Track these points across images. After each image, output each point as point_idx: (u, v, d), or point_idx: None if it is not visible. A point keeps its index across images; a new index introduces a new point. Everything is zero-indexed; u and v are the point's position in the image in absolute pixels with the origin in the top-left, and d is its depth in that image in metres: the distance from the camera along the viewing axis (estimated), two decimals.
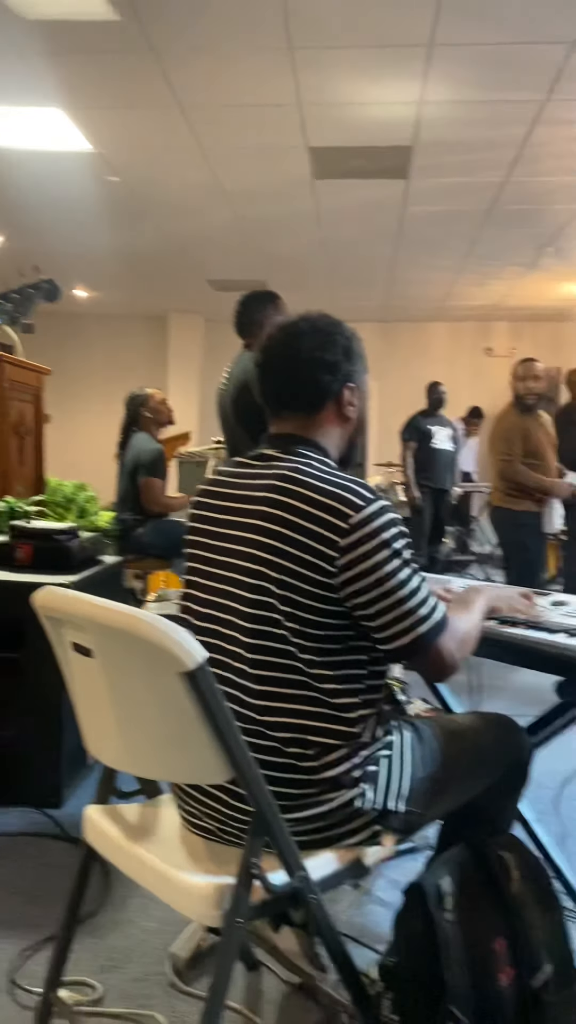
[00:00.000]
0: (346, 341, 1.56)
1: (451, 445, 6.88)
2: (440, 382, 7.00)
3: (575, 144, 5.13)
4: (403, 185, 5.84)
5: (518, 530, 4.71)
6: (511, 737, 1.69)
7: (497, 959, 1.36)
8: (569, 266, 8.03)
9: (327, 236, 7.11)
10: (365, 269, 8.22)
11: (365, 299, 9.55)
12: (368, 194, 6.03)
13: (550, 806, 2.58)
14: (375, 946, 1.90)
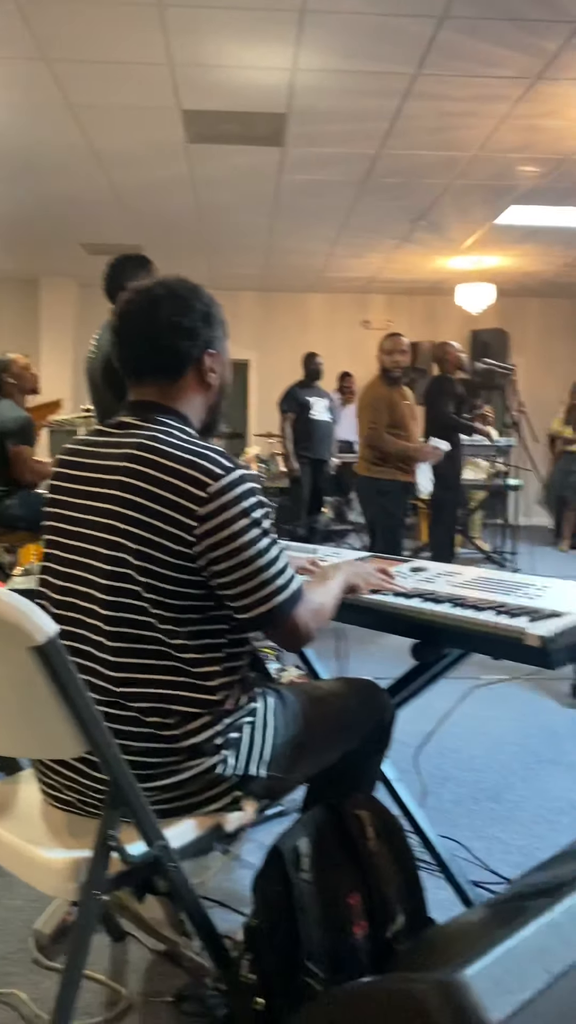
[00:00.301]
0: (205, 307, 1.52)
1: (328, 416, 6.97)
2: (317, 353, 7.06)
3: (446, 119, 5.22)
4: (278, 153, 5.81)
5: (382, 498, 4.83)
6: (373, 700, 1.74)
7: (352, 913, 1.41)
8: (442, 241, 8.20)
9: (203, 201, 7.01)
10: (242, 237, 8.16)
11: (243, 267, 9.49)
12: (243, 160, 5.97)
13: (411, 765, 2.68)
14: (242, 909, 1.93)
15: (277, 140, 5.56)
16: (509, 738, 3.19)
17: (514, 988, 1.02)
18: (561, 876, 1.33)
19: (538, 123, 5.25)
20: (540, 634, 1.49)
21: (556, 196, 6.69)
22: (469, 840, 2.36)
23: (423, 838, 1.98)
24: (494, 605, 1.67)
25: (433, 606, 1.71)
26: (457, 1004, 0.98)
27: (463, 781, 2.78)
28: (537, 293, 10.63)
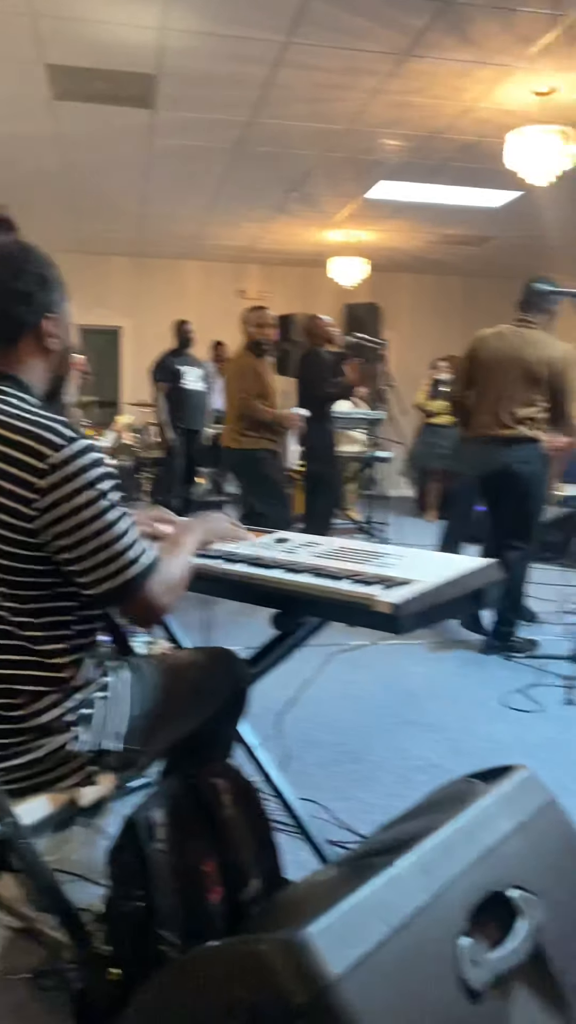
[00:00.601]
0: (39, 269, 1.46)
1: (202, 385, 6.91)
2: (187, 320, 6.95)
3: (318, 90, 5.23)
4: (149, 115, 5.68)
5: (258, 466, 4.85)
6: (230, 669, 1.75)
7: (207, 880, 1.43)
8: (316, 213, 8.24)
9: (70, 162, 6.78)
10: (113, 200, 7.95)
11: (115, 231, 9.25)
12: (113, 121, 5.81)
13: (272, 731, 2.73)
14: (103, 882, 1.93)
15: (147, 102, 5.43)
16: (372, 701, 3.29)
17: (354, 942, 1.06)
18: (406, 833, 1.39)
19: (407, 100, 5.33)
20: (391, 601, 1.54)
21: (424, 173, 6.83)
22: (331, 801, 2.43)
23: (283, 801, 2.02)
24: (351, 574, 1.71)
25: (292, 576, 1.73)
26: (298, 961, 1.01)
27: (327, 744, 2.86)
28: (408, 268, 10.85)
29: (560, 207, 7.59)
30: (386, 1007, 1.04)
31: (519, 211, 7.79)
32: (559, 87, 5.07)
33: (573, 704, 3.32)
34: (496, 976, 1.16)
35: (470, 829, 1.31)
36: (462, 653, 3.98)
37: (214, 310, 10.40)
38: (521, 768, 1.49)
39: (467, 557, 1.87)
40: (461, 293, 11.04)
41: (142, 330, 10.35)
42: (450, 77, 4.98)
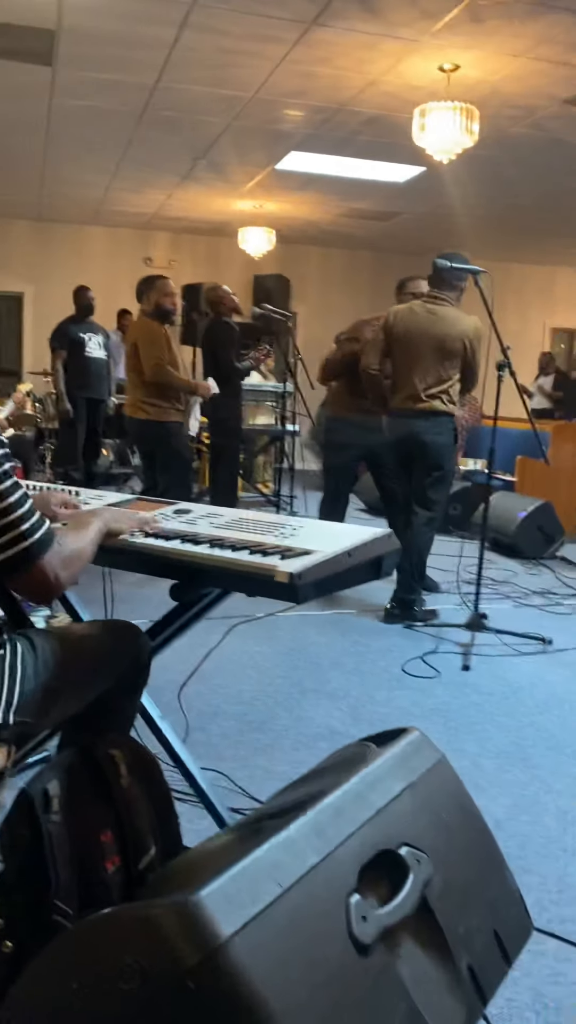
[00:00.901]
0: None
1: (104, 353, 6.75)
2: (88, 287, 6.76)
3: (224, 56, 5.15)
4: (49, 73, 5.49)
5: (167, 438, 4.80)
6: (128, 640, 1.74)
7: (104, 850, 1.43)
8: (223, 181, 8.14)
9: None
10: (13, 160, 7.67)
11: (16, 193, 8.93)
12: (10, 78, 5.59)
13: (175, 703, 2.74)
14: None
15: (47, 59, 5.24)
16: (274, 671, 3.33)
17: (246, 903, 1.09)
18: (300, 796, 1.42)
19: (314, 69, 5.30)
20: (289, 571, 1.55)
21: (332, 145, 6.83)
22: (234, 770, 2.46)
23: (184, 771, 2.03)
24: (250, 545, 1.72)
25: (192, 547, 1.73)
26: (189, 922, 1.02)
27: (229, 715, 2.88)
28: (317, 242, 10.86)
29: (462, 184, 7.72)
30: (277, 964, 1.06)
31: (423, 187, 7.88)
32: (463, 64, 5.13)
33: (469, 670, 3.44)
34: (384, 930, 1.21)
35: (362, 790, 1.35)
36: (364, 622, 4.06)
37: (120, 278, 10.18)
38: (412, 731, 1.54)
39: (365, 528, 1.90)
40: (370, 267, 11.11)
41: (45, 297, 10.07)
42: (356, 48, 4.97)
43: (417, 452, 4.08)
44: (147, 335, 4.75)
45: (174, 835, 1.59)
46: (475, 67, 5.17)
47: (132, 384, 4.88)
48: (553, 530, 5.78)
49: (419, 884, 1.30)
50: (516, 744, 2.76)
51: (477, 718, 2.96)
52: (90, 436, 6.83)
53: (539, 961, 1.70)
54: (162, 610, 2.00)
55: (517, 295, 11.41)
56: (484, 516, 3.97)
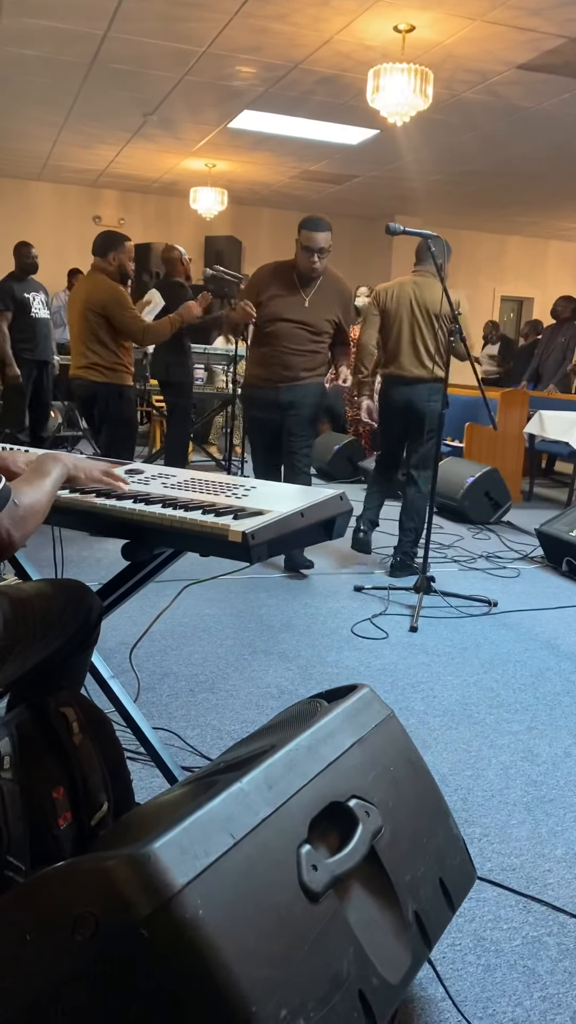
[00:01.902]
0: None
1: (47, 312, 6.60)
2: (30, 244, 6.55)
3: (176, 8, 5.03)
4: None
5: (120, 402, 4.73)
6: (78, 599, 1.73)
7: (56, 806, 1.44)
8: (174, 139, 7.99)
9: None
10: None
11: None
12: None
13: (126, 663, 2.74)
14: None
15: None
16: (226, 633, 3.35)
17: (199, 854, 1.10)
18: (250, 751, 1.44)
19: (268, 26, 5.21)
20: (242, 530, 1.56)
21: (286, 105, 6.74)
22: (184, 729, 2.48)
23: (135, 731, 2.04)
24: (203, 505, 1.72)
25: (144, 507, 1.73)
26: (143, 873, 1.04)
27: (181, 675, 2.89)
28: (270, 203, 10.74)
29: (415, 148, 7.69)
30: (230, 913, 1.09)
31: (376, 150, 7.83)
32: (418, 25, 5.08)
33: (416, 631, 3.50)
34: (334, 878, 1.24)
35: (313, 744, 1.37)
36: (315, 585, 4.09)
37: (68, 236, 9.98)
38: (362, 687, 1.57)
39: (318, 488, 1.91)
40: None
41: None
42: (311, 5, 4.89)
43: (413, 417, 4.34)
44: (116, 298, 4.57)
45: (126, 792, 1.60)
46: (430, 28, 5.13)
47: (83, 346, 4.69)
48: (500, 496, 5.87)
49: (368, 835, 1.33)
50: (461, 703, 2.82)
51: (424, 677, 3.02)
52: (39, 399, 6.68)
53: (481, 908, 1.76)
54: (112, 572, 1.99)
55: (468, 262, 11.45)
56: (433, 482, 4.02)
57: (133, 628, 3.15)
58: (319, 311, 4.17)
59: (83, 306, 4.61)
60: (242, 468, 7.14)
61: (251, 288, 4.27)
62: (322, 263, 4.10)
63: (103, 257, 4.65)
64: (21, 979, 1.08)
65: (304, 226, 4.07)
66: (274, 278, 4.20)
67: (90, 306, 4.58)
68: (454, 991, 1.52)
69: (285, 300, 4.14)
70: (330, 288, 4.21)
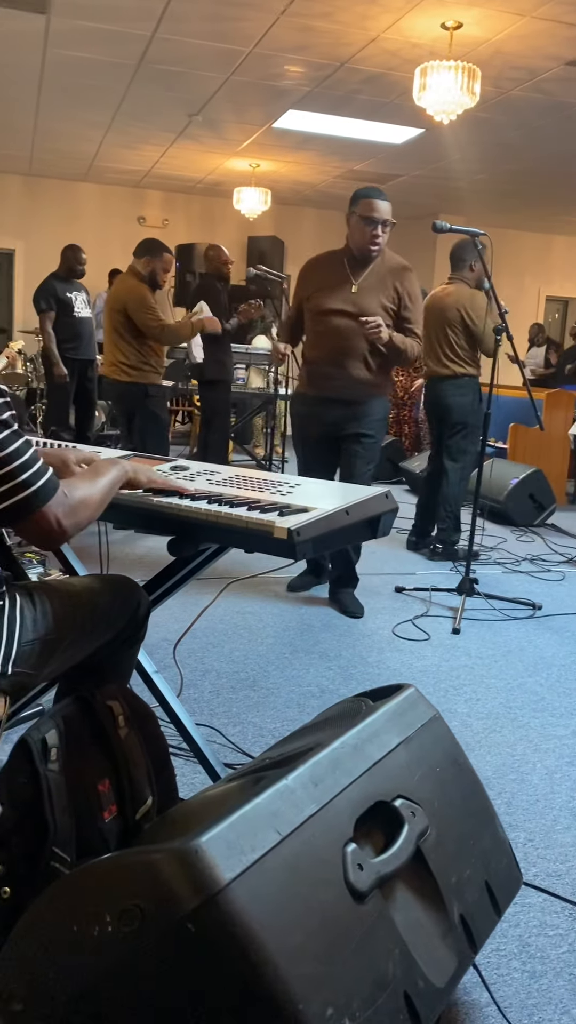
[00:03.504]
0: None
1: (89, 312, 6.65)
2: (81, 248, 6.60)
3: (223, 8, 5.03)
4: (44, 21, 5.36)
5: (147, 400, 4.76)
6: (127, 595, 1.74)
7: (101, 799, 1.44)
8: (219, 140, 8.01)
9: None
10: (5, 112, 7.51)
11: (8, 147, 8.77)
12: (4, 26, 5.45)
13: (169, 659, 2.75)
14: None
15: (41, 6, 5.11)
16: (267, 631, 3.35)
17: (246, 849, 1.10)
18: (296, 749, 1.43)
19: (314, 24, 5.19)
20: (287, 527, 1.55)
21: (331, 104, 6.72)
22: (226, 726, 2.48)
23: (179, 726, 2.04)
24: (248, 501, 1.71)
25: (189, 503, 1.73)
26: (190, 867, 1.04)
27: (223, 672, 2.90)
28: (312, 203, 10.73)
29: (461, 147, 7.62)
30: (275, 910, 1.08)
31: (421, 149, 7.78)
32: (466, 22, 5.03)
33: (459, 633, 3.47)
34: (380, 878, 1.23)
35: (358, 743, 1.36)
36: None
37: (112, 237, 10.06)
38: (408, 687, 1.56)
39: (363, 487, 1.90)
40: None
41: (35, 253, 9.93)
42: (358, 3, 4.87)
43: (442, 411, 4.63)
44: (137, 299, 4.61)
45: (170, 786, 1.61)
46: (478, 25, 5.07)
47: (111, 345, 4.75)
48: (544, 498, 5.80)
49: (414, 835, 1.32)
50: (505, 706, 2.79)
51: (467, 680, 2.99)
52: (84, 397, 6.71)
53: (527, 913, 1.73)
54: (154, 570, 2.00)
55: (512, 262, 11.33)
56: (477, 483, 3.98)
57: (175, 624, 3.17)
58: (369, 297, 3.53)
59: (111, 307, 4.70)
60: (283, 467, 7.14)
61: (298, 285, 3.79)
62: (385, 238, 3.51)
63: (138, 259, 4.76)
64: (68, 969, 1.09)
65: (362, 195, 3.51)
66: (320, 268, 3.68)
67: (115, 306, 4.69)
68: (499, 997, 1.50)
69: (332, 289, 3.56)
70: (383, 269, 3.58)
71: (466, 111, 5.43)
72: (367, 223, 3.45)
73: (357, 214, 3.49)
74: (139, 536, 4.63)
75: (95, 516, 1.49)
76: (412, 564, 4.58)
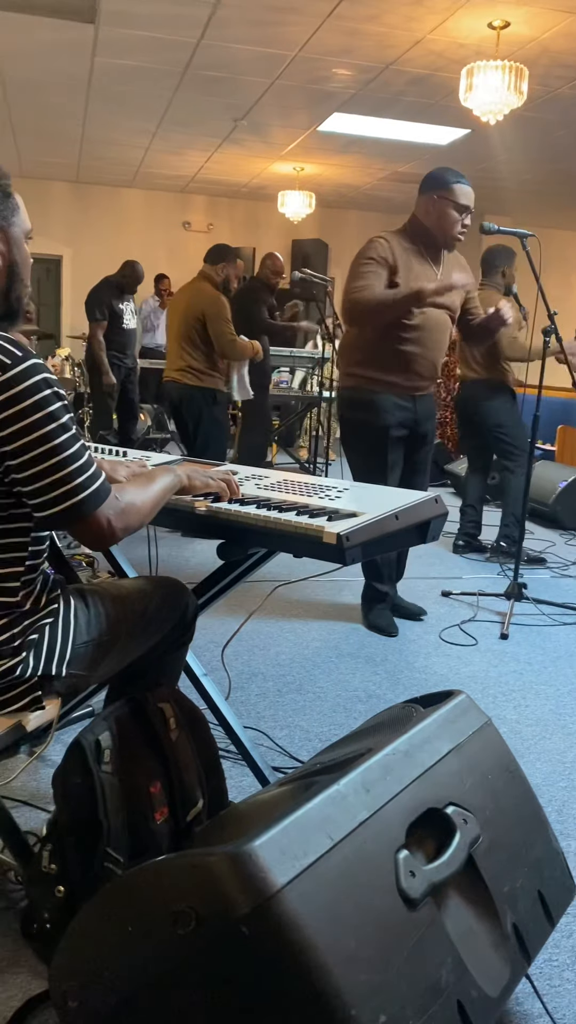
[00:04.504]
0: None
1: (135, 322, 6.74)
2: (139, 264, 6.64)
3: (268, 13, 5.06)
4: (91, 31, 5.43)
5: (213, 406, 4.79)
6: (176, 598, 1.76)
7: (153, 801, 1.46)
8: (263, 144, 8.05)
9: (9, 77, 6.48)
10: (53, 121, 7.64)
11: (56, 155, 8.91)
12: (54, 36, 5.55)
13: (219, 662, 2.77)
14: (48, 807, 1.95)
15: (89, 16, 5.19)
16: (312, 635, 3.35)
17: (298, 854, 1.10)
18: (346, 754, 1.43)
19: (360, 27, 5.20)
20: (337, 532, 1.55)
21: (376, 106, 6.71)
22: (273, 730, 2.49)
23: (227, 729, 2.05)
24: (296, 506, 1.72)
25: (238, 507, 1.74)
26: (244, 871, 1.04)
27: (269, 676, 2.90)
28: (356, 205, 10.72)
29: (508, 147, 7.56)
30: (328, 915, 1.08)
31: (467, 149, 7.73)
32: (513, 21, 4.99)
33: (507, 639, 3.43)
34: (432, 886, 1.22)
35: (410, 750, 1.36)
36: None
37: (157, 242, 10.16)
38: (459, 693, 1.55)
39: (411, 491, 1.89)
40: None
41: (83, 259, 10.07)
42: (404, 4, 4.86)
43: (474, 415, 4.63)
44: (216, 308, 4.63)
45: (220, 789, 1.62)
46: (526, 24, 5.03)
47: (180, 350, 4.77)
48: None
49: (466, 843, 1.31)
50: (555, 712, 2.75)
51: (516, 686, 2.96)
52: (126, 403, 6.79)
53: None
54: (201, 573, 2.01)
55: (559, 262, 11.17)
56: (526, 486, 3.94)
57: (222, 627, 3.18)
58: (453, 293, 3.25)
59: (184, 311, 4.70)
60: (326, 471, 7.14)
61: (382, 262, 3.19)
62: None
63: (213, 265, 4.75)
64: (123, 968, 1.10)
65: (453, 179, 3.20)
66: (403, 249, 3.24)
67: (191, 312, 4.68)
68: (552, 1007, 1.48)
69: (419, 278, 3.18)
70: (451, 258, 3.37)
71: (513, 111, 5.39)
72: (458, 210, 3.21)
73: (447, 199, 3.20)
74: (187, 540, 4.67)
75: (147, 520, 1.51)
76: (459, 568, 4.55)
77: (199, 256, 4.92)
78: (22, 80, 6.53)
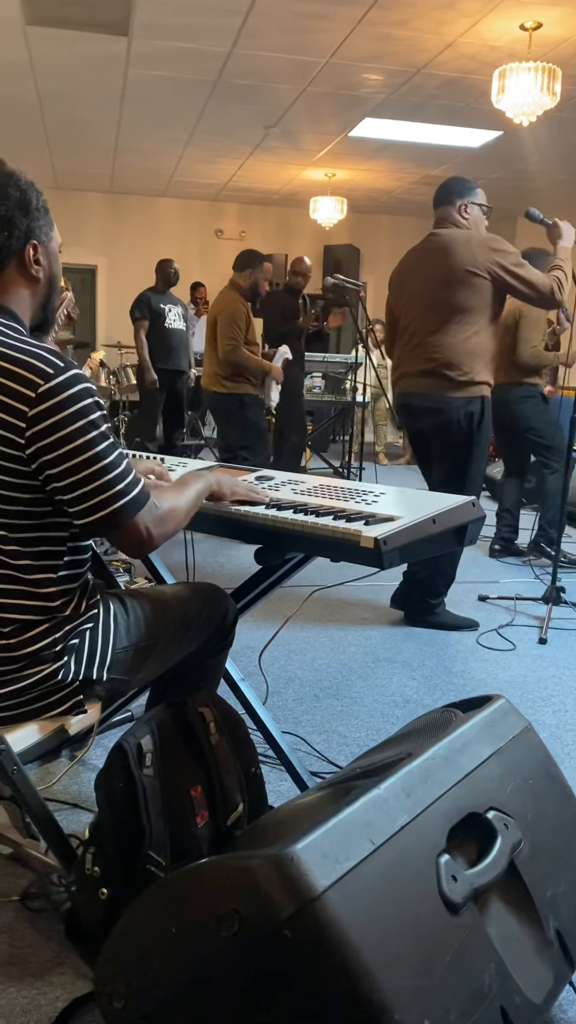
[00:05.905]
0: (21, 194, 1.42)
1: (183, 324, 6.75)
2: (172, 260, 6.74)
3: (299, 21, 5.08)
4: (125, 43, 5.50)
5: (244, 410, 4.83)
6: (216, 603, 1.77)
7: (194, 805, 1.47)
8: (295, 151, 8.08)
9: (45, 91, 6.58)
10: (89, 132, 7.73)
11: (91, 166, 9.02)
12: (88, 49, 5.62)
13: (256, 667, 2.78)
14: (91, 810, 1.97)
15: (123, 29, 5.25)
16: (349, 639, 3.35)
17: (340, 858, 1.11)
18: (386, 759, 1.43)
19: (390, 32, 5.20)
20: (374, 536, 1.56)
21: (407, 110, 6.70)
22: (310, 735, 2.49)
23: (265, 734, 2.06)
24: (333, 511, 1.72)
25: (276, 512, 1.75)
26: (286, 874, 1.05)
27: (306, 681, 2.91)
28: (388, 210, 10.71)
29: (540, 148, 7.50)
30: (370, 918, 1.08)
31: (499, 152, 7.69)
32: (545, 22, 4.97)
33: (545, 643, 3.40)
34: (474, 891, 1.22)
35: (450, 754, 1.35)
36: None
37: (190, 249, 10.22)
38: (499, 698, 1.54)
39: (448, 495, 1.88)
40: None
41: (117, 269, 10.18)
42: (434, 8, 4.85)
43: (507, 419, 4.51)
44: (228, 313, 4.68)
45: (260, 793, 1.62)
46: (558, 24, 5.00)
47: (209, 357, 4.86)
48: None
49: (507, 848, 1.30)
50: None
51: (555, 691, 2.93)
52: (173, 408, 6.80)
53: None
54: (238, 578, 2.02)
55: None
56: (564, 489, 3.91)
57: (259, 632, 3.19)
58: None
59: (211, 319, 4.79)
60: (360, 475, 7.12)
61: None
62: None
63: (239, 272, 4.79)
64: (168, 970, 1.11)
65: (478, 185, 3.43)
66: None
67: (212, 319, 4.76)
68: None
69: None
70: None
71: (545, 112, 5.35)
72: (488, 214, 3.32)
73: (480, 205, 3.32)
74: (225, 545, 4.69)
75: (182, 525, 1.53)
76: (495, 572, 4.52)
77: (232, 264, 4.96)
78: (57, 93, 6.62)
